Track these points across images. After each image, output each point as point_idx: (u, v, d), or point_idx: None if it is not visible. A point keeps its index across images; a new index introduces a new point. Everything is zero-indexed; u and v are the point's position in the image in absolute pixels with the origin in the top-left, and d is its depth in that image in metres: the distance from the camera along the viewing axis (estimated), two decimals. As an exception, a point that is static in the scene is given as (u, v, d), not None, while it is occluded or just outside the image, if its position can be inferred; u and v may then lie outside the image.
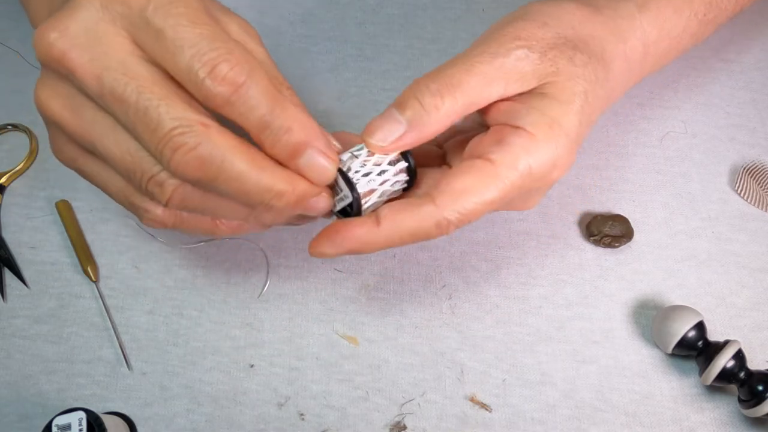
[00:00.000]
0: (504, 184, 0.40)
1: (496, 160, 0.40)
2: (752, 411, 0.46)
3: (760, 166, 0.57)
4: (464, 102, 0.40)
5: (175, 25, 0.35)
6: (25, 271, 0.51)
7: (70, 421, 0.41)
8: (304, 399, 0.48)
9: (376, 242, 0.40)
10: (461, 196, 0.39)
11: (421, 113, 0.40)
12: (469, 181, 0.39)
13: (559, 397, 0.48)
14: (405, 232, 0.39)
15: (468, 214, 0.39)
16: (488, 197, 0.39)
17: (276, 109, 0.36)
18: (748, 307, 0.52)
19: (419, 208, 0.39)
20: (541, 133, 0.40)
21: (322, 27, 0.63)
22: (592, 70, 0.43)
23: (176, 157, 0.35)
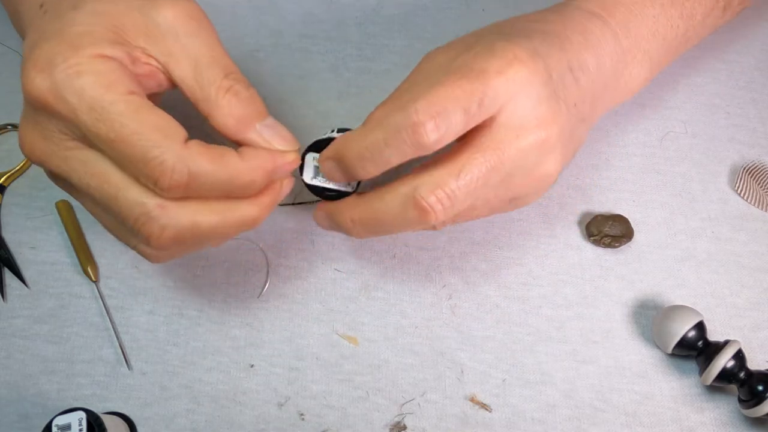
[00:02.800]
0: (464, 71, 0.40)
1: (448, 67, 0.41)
2: (752, 411, 0.46)
3: (760, 166, 0.57)
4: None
5: (106, 138, 0.36)
6: (25, 271, 0.51)
7: (70, 421, 0.41)
8: (304, 399, 0.48)
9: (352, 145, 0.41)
10: (420, 88, 0.39)
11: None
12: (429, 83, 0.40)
13: (559, 397, 0.48)
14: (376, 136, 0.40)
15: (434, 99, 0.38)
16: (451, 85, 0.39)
17: (232, 176, 0.38)
18: (748, 307, 0.52)
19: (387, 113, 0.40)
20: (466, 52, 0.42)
21: (322, 27, 0.63)
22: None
23: (152, 242, 0.38)
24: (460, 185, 0.40)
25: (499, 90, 0.40)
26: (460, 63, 0.41)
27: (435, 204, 0.40)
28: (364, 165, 0.41)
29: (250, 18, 0.63)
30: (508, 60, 0.40)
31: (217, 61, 0.40)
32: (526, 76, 0.40)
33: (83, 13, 0.38)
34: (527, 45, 0.42)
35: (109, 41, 0.37)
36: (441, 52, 0.45)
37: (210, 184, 0.38)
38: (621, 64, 0.48)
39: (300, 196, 0.55)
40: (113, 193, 0.38)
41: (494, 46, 0.41)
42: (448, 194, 0.40)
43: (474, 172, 0.40)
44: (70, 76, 0.36)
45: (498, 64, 0.40)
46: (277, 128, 0.41)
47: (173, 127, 0.37)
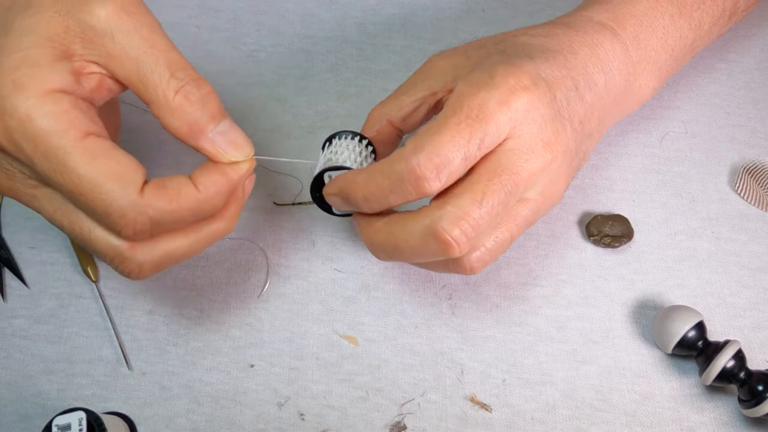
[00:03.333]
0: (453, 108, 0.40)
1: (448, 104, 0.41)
2: (752, 411, 0.46)
3: (760, 166, 0.57)
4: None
5: (65, 188, 0.36)
6: (25, 271, 0.51)
7: (70, 421, 0.41)
8: (304, 399, 0.48)
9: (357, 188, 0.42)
10: (423, 137, 0.40)
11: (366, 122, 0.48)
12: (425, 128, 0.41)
13: (559, 397, 0.48)
14: (380, 183, 0.41)
15: (435, 151, 0.39)
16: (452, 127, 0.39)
17: (193, 210, 0.38)
18: (748, 307, 0.52)
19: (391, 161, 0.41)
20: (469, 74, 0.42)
21: (322, 27, 0.63)
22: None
23: (132, 276, 0.39)
24: (483, 213, 0.40)
25: (501, 122, 0.40)
26: (460, 94, 0.41)
27: (459, 237, 0.39)
28: (370, 206, 0.42)
29: (250, 18, 0.63)
30: (509, 88, 0.40)
31: (160, 58, 0.37)
32: (528, 103, 0.41)
33: (14, 35, 0.36)
34: (529, 68, 0.42)
35: (50, 62, 0.35)
36: (444, 57, 0.45)
37: (173, 222, 0.38)
38: (631, 76, 0.48)
39: (300, 196, 0.55)
40: (85, 234, 0.38)
41: (495, 71, 0.41)
42: (472, 225, 0.40)
43: (494, 198, 0.40)
44: (22, 123, 0.34)
45: (499, 95, 0.40)
46: (231, 134, 0.39)
47: (130, 172, 0.36)
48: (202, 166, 0.39)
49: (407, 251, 0.42)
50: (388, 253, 0.43)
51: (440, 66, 0.46)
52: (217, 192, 0.39)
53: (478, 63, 0.44)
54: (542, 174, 0.42)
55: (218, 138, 0.39)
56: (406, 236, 0.41)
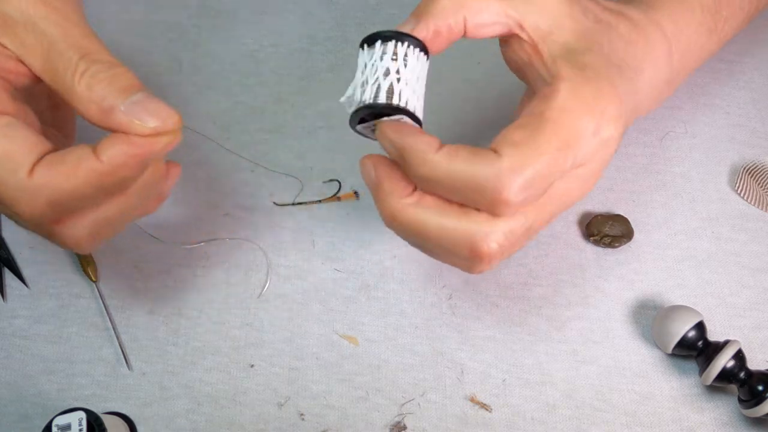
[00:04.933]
0: (558, 128, 0.37)
1: (543, 109, 0.38)
2: (752, 411, 0.46)
3: (760, 166, 0.57)
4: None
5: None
6: (25, 271, 0.51)
7: (70, 421, 0.41)
8: (304, 399, 0.48)
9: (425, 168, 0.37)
10: (521, 152, 0.36)
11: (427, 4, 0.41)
12: (520, 134, 0.37)
13: (559, 397, 0.48)
14: (456, 177, 0.37)
15: (528, 178, 0.36)
16: (547, 145, 0.36)
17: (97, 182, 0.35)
18: (748, 307, 0.52)
19: (479, 154, 0.37)
20: (579, 75, 0.39)
21: (322, 27, 0.63)
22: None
23: (79, 251, 0.39)
24: (525, 238, 0.39)
25: (588, 150, 0.38)
26: (564, 109, 0.38)
27: (495, 255, 0.38)
28: (423, 183, 0.38)
29: (250, 18, 0.63)
30: (608, 117, 0.38)
31: (73, 43, 0.36)
32: (614, 136, 0.39)
33: None
34: (621, 94, 0.40)
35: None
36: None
37: (77, 200, 0.35)
38: (664, 94, 0.47)
39: (300, 196, 0.55)
40: (9, 216, 0.37)
41: (600, 87, 0.39)
42: (510, 246, 0.38)
43: (541, 225, 0.39)
44: None
45: (597, 123, 0.38)
46: (147, 102, 0.35)
47: (22, 151, 0.34)
48: (108, 136, 0.35)
49: (431, 244, 0.39)
50: (407, 234, 0.39)
51: (548, 1, 0.41)
52: (122, 163, 0.35)
53: (577, 41, 0.41)
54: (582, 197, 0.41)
55: (131, 107, 0.35)
56: (440, 231, 0.38)
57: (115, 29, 0.61)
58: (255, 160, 0.56)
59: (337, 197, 0.55)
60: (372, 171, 0.40)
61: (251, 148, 0.56)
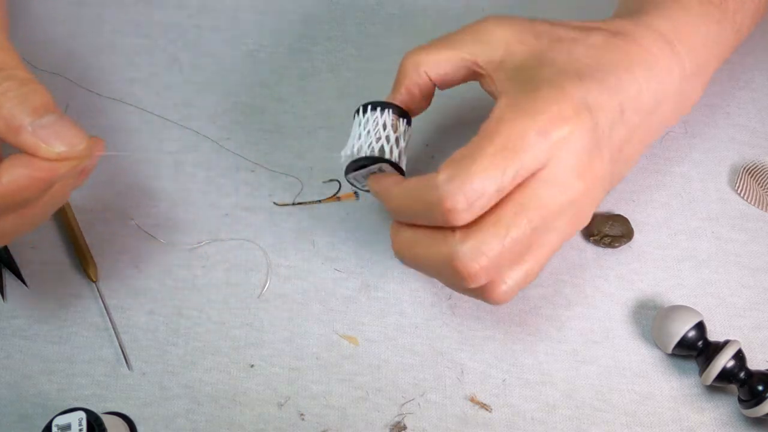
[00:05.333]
0: (495, 135, 0.39)
1: (483, 127, 0.40)
2: (752, 411, 0.46)
3: (760, 166, 0.57)
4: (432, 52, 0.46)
5: None
6: (25, 271, 0.51)
7: (70, 421, 0.41)
8: (304, 399, 0.48)
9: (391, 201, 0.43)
10: (457, 165, 0.39)
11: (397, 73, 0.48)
12: (463, 150, 0.40)
13: (559, 397, 0.48)
14: (412, 203, 0.41)
15: (467, 182, 0.38)
16: (482, 152, 0.39)
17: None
18: (748, 307, 0.52)
19: (423, 177, 0.41)
20: (520, 86, 0.41)
21: (322, 27, 0.63)
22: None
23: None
24: (505, 250, 0.39)
25: (538, 154, 0.39)
26: (500, 119, 0.40)
27: (478, 272, 0.39)
28: (400, 218, 0.43)
29: (250, 18, 0.63)
30: (550, 117, 0.39)
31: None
32: (568, 133, 0.39)
33: None
34: (575, 94, 0.40)
35: None
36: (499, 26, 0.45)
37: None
38: (684, 94, 0.47)
39: (300, 196, 0.55)
40: None
41: (539, 95, 0.40)
42: (492, 261, 0.39)
43: (519, 234, 0.39)
44: None
45: (539, 124, 0.39)
46: (57, 126, 0.35)
47: None
48: (10, 158, 0.35)
49: (428, 271, 0.43)
50: (411, 265, 0.44)
51: (494, 35, 0.44)
52: (23, 186, 0.35)
53: (528, 62, 0.42)
54: (572, 205, 0.41)
55: (39, 131, 0.35)
56: (428, 257, 0.41)
57: (115, 29, 0.61)
58: (255, 160, 0.56)
59: (337, 197, 0.55)
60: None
61: (251, 148, 0.56)
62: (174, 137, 0.56)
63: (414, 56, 0.46)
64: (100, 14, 0.62)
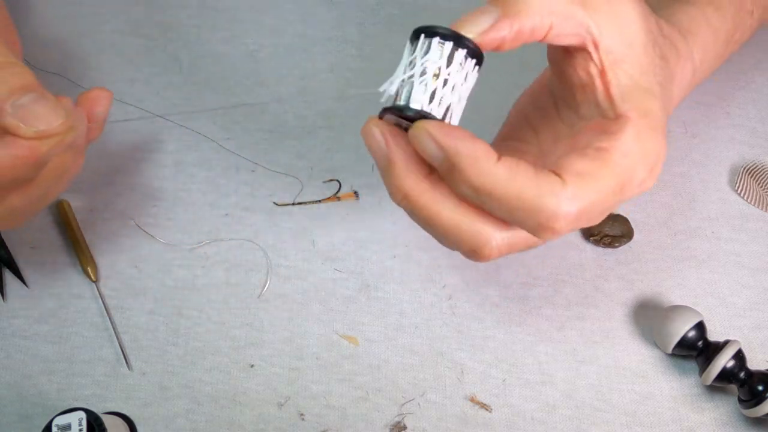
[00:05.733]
0: (620, 171, 0.37)
1: (608, 148, 0.37)
2: (752, 411, 0.46)
3: (760, 166, 0.57)
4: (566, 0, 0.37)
5: None
6: (25, 271, 0.51)
7: (70, 421, 0.41)
8: (304, 399, 0.48)
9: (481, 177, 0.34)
10: (583, 180, 0.36)
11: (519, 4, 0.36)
12: (586, 165, 0.36)
13: (559, 397, 0.48)
14: (512, 195, 0.35)
15: (588, 206, 0.36)
16: (607, 184, 0.36)
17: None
18: (748, 307, 0.52)
19: (544, 177, 0.35)
20: (643, 122, 0.38)
21: (322, 27, 0.63)
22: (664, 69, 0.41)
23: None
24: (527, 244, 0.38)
25: (629, 197, 0.39)
26: (624, 146, 0.37)
27: (494, 255, 0.38)
28: (468, 195, 0.35)
29: (250, 18, 0.63)
30: (653, 173, 0.39)
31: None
32: (648, 190, 0.40)
33: None
34: (666, 144, 0.39)
35: None
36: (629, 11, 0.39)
37: None
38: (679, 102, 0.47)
39: (300, 196, 0.55)
40: None
41: (657, 136, 0.38)
42: (510, 250, 0.38)
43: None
44: None
45: (646, 175, 0.38)
46: (36, 105, 0.36)
47: None
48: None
49: (436, 231, 0.37)
50: (414, 215, 0.37)
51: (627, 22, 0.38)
52: (9, 165, 0.36)
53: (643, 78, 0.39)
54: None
55: (18, 109, 0.35)
56: (449, 224, 0.36)
57: (115, 29, 0.61)
58: (255, 160, 0.56)
59: (337, 197, 0.55)
60: (382, 142, 0.36)
61: (251, 148, 0.56)
62: (174, 137, 0.57)
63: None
64: (100, 14, 0.62)
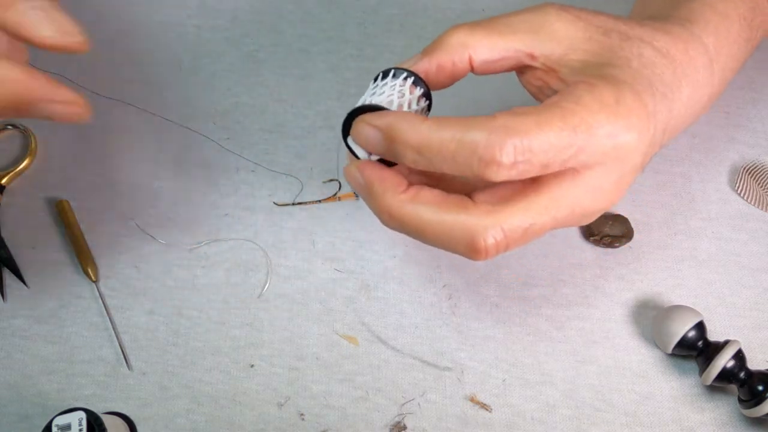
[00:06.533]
0: (568, 114, 0.36)
1: (555, 100, 0.37)
2: (752, 411, 0.46)
3: (760, 166, 0.57)
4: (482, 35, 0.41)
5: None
6: (25, 271, 0.51)
7: (70, 421, 0.41)
8: (304, 399, 0.48)
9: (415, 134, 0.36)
10: (517, 117, 0.35)
11: (434, 42, 0.41)
12: (527, 108, 0.36)
13: (559, 397, 0.48)
14: (447, 140, 0.36)
15: (522, 141, 0.35)
16: (548, 119, 0.35)
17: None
18: (748, 307, 0.52)
19: (472, 118, 0.36)
20: (600, 81, 0.37)
21: (322, 27, 0.63)
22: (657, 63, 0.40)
23: None
24: (526, 237, 0.38)
25: (598, 153, 0.37)
26: (578, 102, 0.36)
27: (492, 250, 0.37)
28: (415, 161, 0.37)
29: (250, 18, 0.63)
30: (627, 125, 0.37)
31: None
32: (632, 145, 0.37)
33: None
34: (649, 104, 0.38)
35: None
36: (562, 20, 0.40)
37: None
38: (703, 111, 0.46)
39: (300, 196, 0.55)
40: None
41: (623, 98, 0.37)
42: (510, 243, 0.37)
43: (543, 227, 0.38)
44: None
45: (614, 128, 0.37)
46: (51, 11, 0.34)
47: None
48: None
49: (429, 238, 0.38)
50: (404, 230, 0.39)
51: (557, 30, 0.40)
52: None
53: (598, 58, 0.39)
54: (597, 212, 0.40)
55: (32, 13, 0.34)
56: (438, 226, 0.37)
57: (116, 29, 0.61)
58: (255, 160, 0.56)
59: (337, 197, 0.55)
60: (358, 174, 0.40)
61: (251, 148, 0.56)
62: (174, 137, 0.57)
63: (461, 34, 0.41)
64: (100, 14, 0.62)
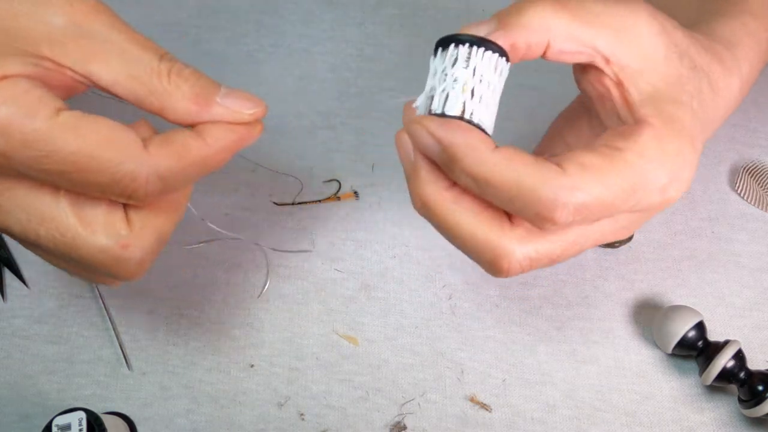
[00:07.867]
0: (633, 171, 0.35)
1: (622, 147, 0.35)
2: (752, 411, 0.46)
3: (760, 166, 0.57)
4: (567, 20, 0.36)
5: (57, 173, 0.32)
6: (25, 271, 0.51)
7: (70, 421, 0.41)
8: (304, 399, 0.48)
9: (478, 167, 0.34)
10: (586, 176, 0.34)
11: (512, 13, 0.37)
12: (592, 159, 0.34)
13: (559, 397, 0.48)
14: (509, 183, 0.34)
15: (585, 204, 0.34)
16: (615, 181, 0.34)
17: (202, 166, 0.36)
18: (748, 307, 0.52)
19: (543, 165, 0.34)
20: (665, 127, 0.36)
21: (322, 27, 0.63)
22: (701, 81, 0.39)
23: (132, 278, 0.37)
24: (550, 263, 0.37)
25: (648, 204, 0.36)
26: (639, 144, 0.35)
27: (514, 271, 0.36)
28: (469, 185, 0.35)
29: (250, 18, 0.63)
30: (678, 181, 0.36)
31: (145, 47, 0.35)
32: (673, 201, 0.37)
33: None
34: (699, 151, 0.37)
35: (5, 54, 0.32)
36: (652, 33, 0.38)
37: (181, 181, 0.35)
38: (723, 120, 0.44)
39: (300, 196, 0.55)
40: (68, 240, 0.34)
41: (682, 145, 0.36)
42: (533, 266, 0.37)
43: (570, 254, 0.37)
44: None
45: (668, 184, 0.36)
46: (238, 93, 0.36)
47: (123, 133, 0.33)
48: (206, 125, 0.36)
49: (456, 241, 0.37)
50: (433, 223, 0.37)
51: (642, 38, 0.38)
52: (225, 147, 0.36)
53: (668, 88, 0.38)
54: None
55: (229, 101, 0.36)
56: (469, 234, 0.36)
57: (115, 29, 0.61)
58: (255, 160, 0.56)
59: (337, 197, 0.55)
60: (411, 150, 0.37)
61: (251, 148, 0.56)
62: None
63: (546, 14, 0.37)
64: (100, 14, 0.62)
